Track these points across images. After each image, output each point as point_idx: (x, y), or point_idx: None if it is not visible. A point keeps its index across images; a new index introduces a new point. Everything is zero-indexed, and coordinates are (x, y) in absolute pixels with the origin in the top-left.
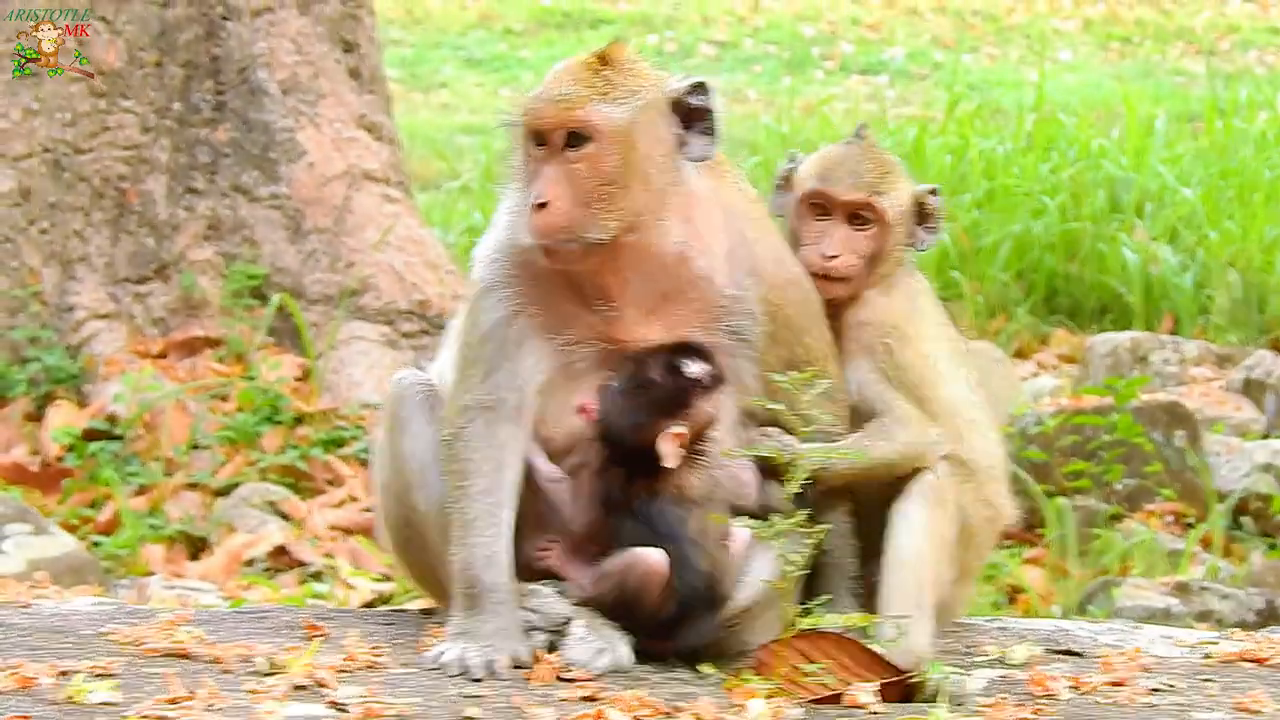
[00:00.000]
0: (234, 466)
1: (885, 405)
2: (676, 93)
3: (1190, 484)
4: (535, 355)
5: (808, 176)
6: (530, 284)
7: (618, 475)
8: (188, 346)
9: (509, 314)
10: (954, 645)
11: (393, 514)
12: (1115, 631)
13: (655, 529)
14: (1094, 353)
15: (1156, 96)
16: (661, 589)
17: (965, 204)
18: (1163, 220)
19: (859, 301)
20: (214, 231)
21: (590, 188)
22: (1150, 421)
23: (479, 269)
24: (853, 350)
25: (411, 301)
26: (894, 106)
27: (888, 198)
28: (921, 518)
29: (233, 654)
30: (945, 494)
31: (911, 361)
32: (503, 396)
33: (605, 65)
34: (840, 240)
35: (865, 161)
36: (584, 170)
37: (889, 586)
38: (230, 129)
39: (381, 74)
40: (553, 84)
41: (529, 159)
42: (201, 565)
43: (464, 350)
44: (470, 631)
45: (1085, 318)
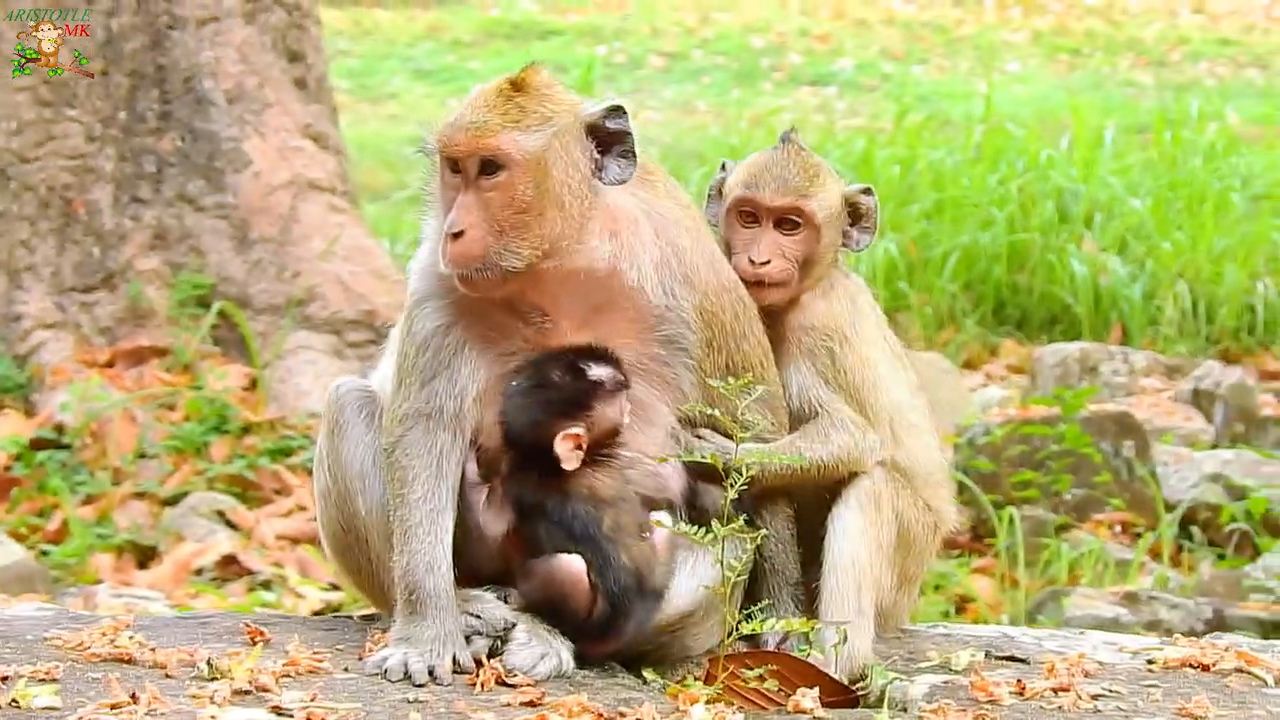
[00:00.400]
0: (181, 476)
1: (824, 409)
2: (592, 117)
3: (1139, 494)
4: (471, 365)
5: (735, 184)
6: (463, 297)
7: (529, 479)
8: (135, 356)
9: (444, 324)
10: (897, 651)
11: (333, 520)
12: (1059, 638)
13: (570, 532)
14: (1042, 363)
15: (1106, 108)
16: (588, 592)
17: (913, 215)
18: (1111, 231)
19: (799, 306)
20: (160, 241)
21: (504, 216)
22: (1099, 432)
23: (414, 280)
24: (793, 354)
25: (358, 311)
26: (843, 118)
27: (815, 200)
28: (858, 523)
29: (175, 659)
30: (882, 499)
31: (853, 365)
32: (440, 404)
33: (518, 91)
34: (769, 246)
35: (790, 165)
36: (497, 198)
37: (828, 591)
38: (176, 138)
39: (327, 84)
40: (466, 111)
41: (445, 185)
42: (150, 574)
43: (401, 360)
44: (412, 637)
45: (1034, 328)
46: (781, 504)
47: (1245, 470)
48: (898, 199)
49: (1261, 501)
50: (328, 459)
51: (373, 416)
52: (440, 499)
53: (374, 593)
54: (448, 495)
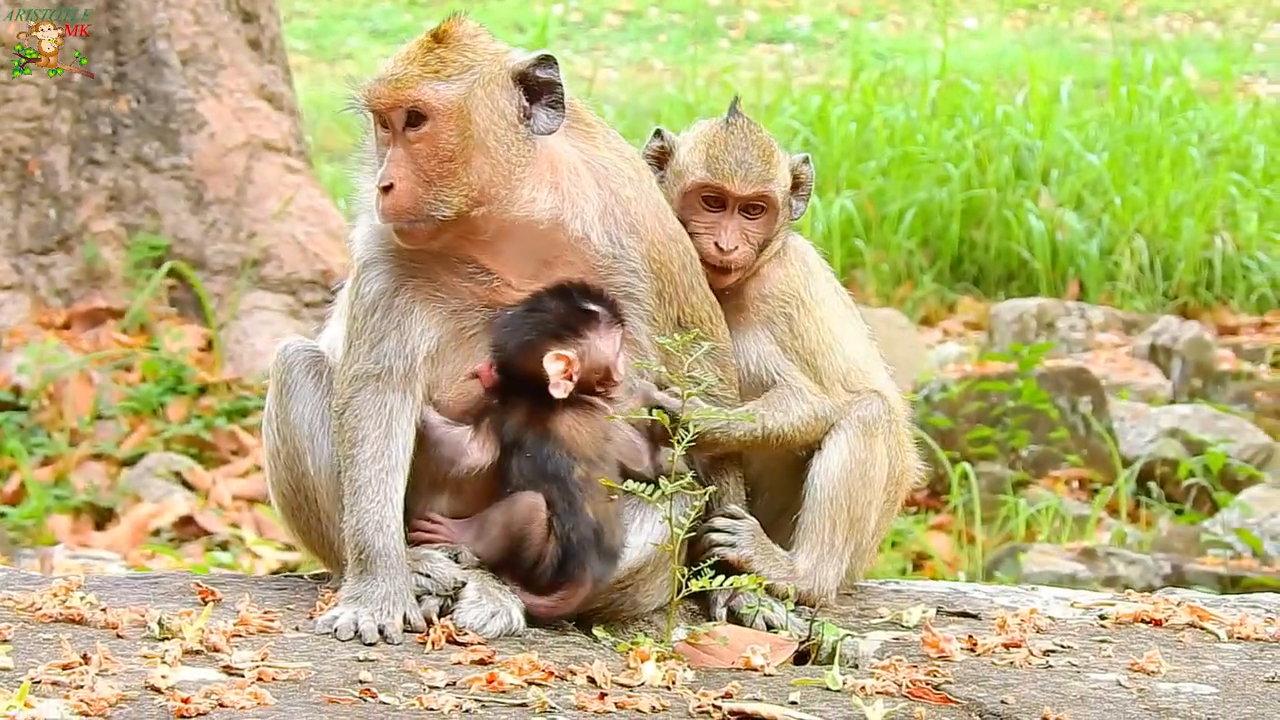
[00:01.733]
0: (138, 437)
1: (782, 377)
2: (520, 65)
3: (1096, 450)
4: (422, 324)
5: (694, 166)
6: (408, 257)
7: (517, 415)
8: (91, 317)
9: (392, 286)
10: (849, 608)
11: (283, 481)
12: (1011, 594)
13: (542, 470)
14: (999, 319)
15: (1062, 63)
16: (544, 530)
17: (870, 172)
18: (1068, 187)
19: (757, 276)
20: (116, 203)
21: (430, 166)
22: (1055, 387)
23: (358, 245)
24: (751, 323)
25: (314, 271)
26: (799, 75)
27: (775, 183)
28: (850, 450)
29: (126, 619)
30: (876, 430)
31: (808, 328)
32: (390, 365)
33: (439, 43)
34: (736, 233)
35: (750, 149)
36: (424, 149)
37: (807, 517)
38: (131, 100)
39: (281, 44)
40: (388, 65)
41: (377, 142)
42: (107, 535)
43: (351, 322)
44: (362, 596)
45: (991, 285)
46: (733, 464)
47: (1203, 425)
48: (854, 156)
49: (1219, 457)
50: (276, 419)
51: (321, 377)
52: (390, 459)
53: (324, 552)
54: (398, 455)
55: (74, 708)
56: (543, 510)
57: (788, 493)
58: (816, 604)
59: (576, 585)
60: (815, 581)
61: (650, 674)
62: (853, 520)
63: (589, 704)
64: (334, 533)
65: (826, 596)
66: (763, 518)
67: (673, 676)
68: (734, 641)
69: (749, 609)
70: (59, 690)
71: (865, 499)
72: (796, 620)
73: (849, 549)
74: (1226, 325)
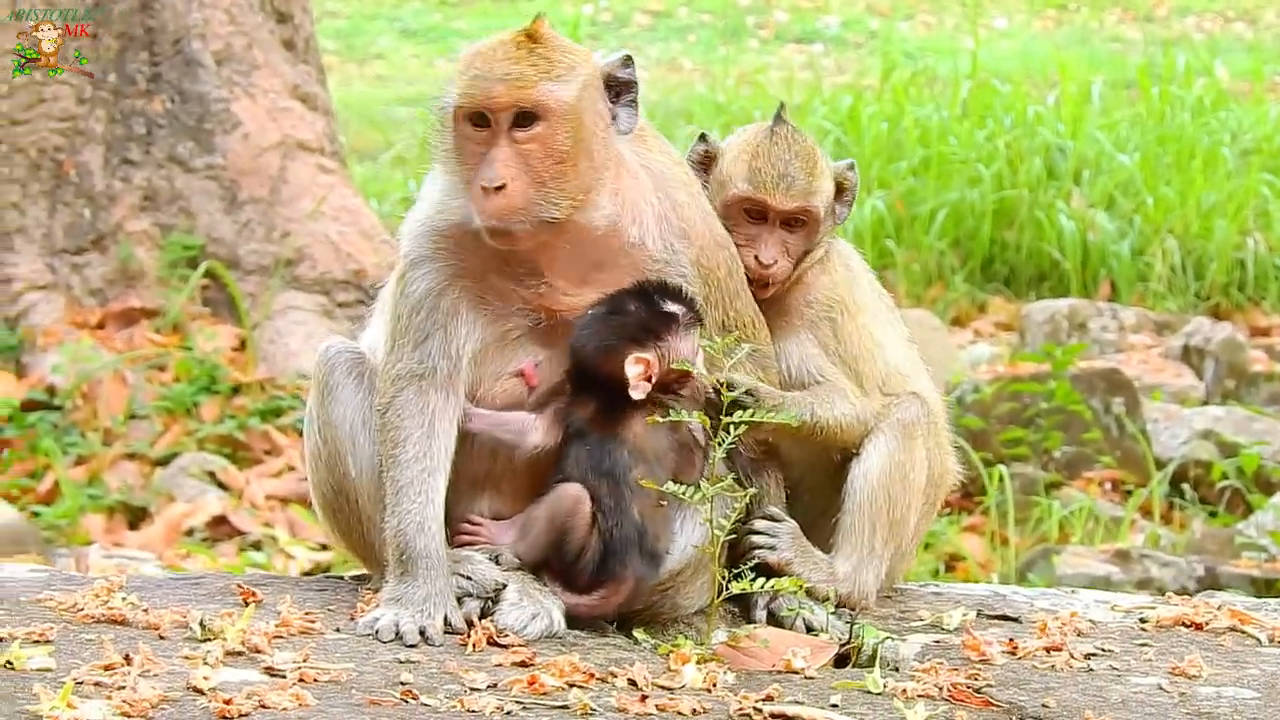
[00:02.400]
0: (172, 436)
1: (825, 378)
2: (610, 66)
3: (1129, 451)
4: (467, 325)
5: (737, 177)
6: (458, 257)
7: (584, 407)
8: (125, 317)
9: (439, 285)
10: (889, 610)
11: (324, 482)
12: (1051, 596)
13: (598, 464)
14: (1031, 320)
15: (1093, 63)
16: (587, 523)
17: (901, 172)
18: (1100, 187)
19: (801, 283)
20: (150, 202)
21: (543, 167)
22: (1088, 389)
23: (406, 243)
24: (795, 327)
25: (347, 271)
26: (829, 75)
27: (818, 196)
28: (890, 452)
29: (168, 620)
30: (915, 432)
31: (851, 333)
32: (434, 365)
33: (536, 43)
34: (777, 247)
35: (794, 161)
36: (536, 150)
37: (846, 521)
38: (165, 100)
39: (315, 45)
40: (493, 65)
41: (465, 140)
42: (141, 535)
43: (395, 321)
44: (403, 597)
45: (1022, 285)
46: (772, 462)
47: (1236, 427)
48: (884, 156)
49: (1253, 458)
50: (318, 420)
51: (362, 378)
52: (432, 459)
53: (365, 554)
54: (440, 455)
55: (116, 709)
56: (587, 504)
57: (827, 495)
58: (857, 606)
59: (617, 583)
60: (855, 584)
61: (691, 676)
62: (892, 523)
63: (630, 706)
64: (374, 534)
65: (867, 599)
66: (802, 520)
67: (713, 679)
68: (774, 644)
69: (789, 611)
70: (101, 691)
71: (905, 501)
72: (837, 623)
73: (889, 551)
74: (1259, 326)
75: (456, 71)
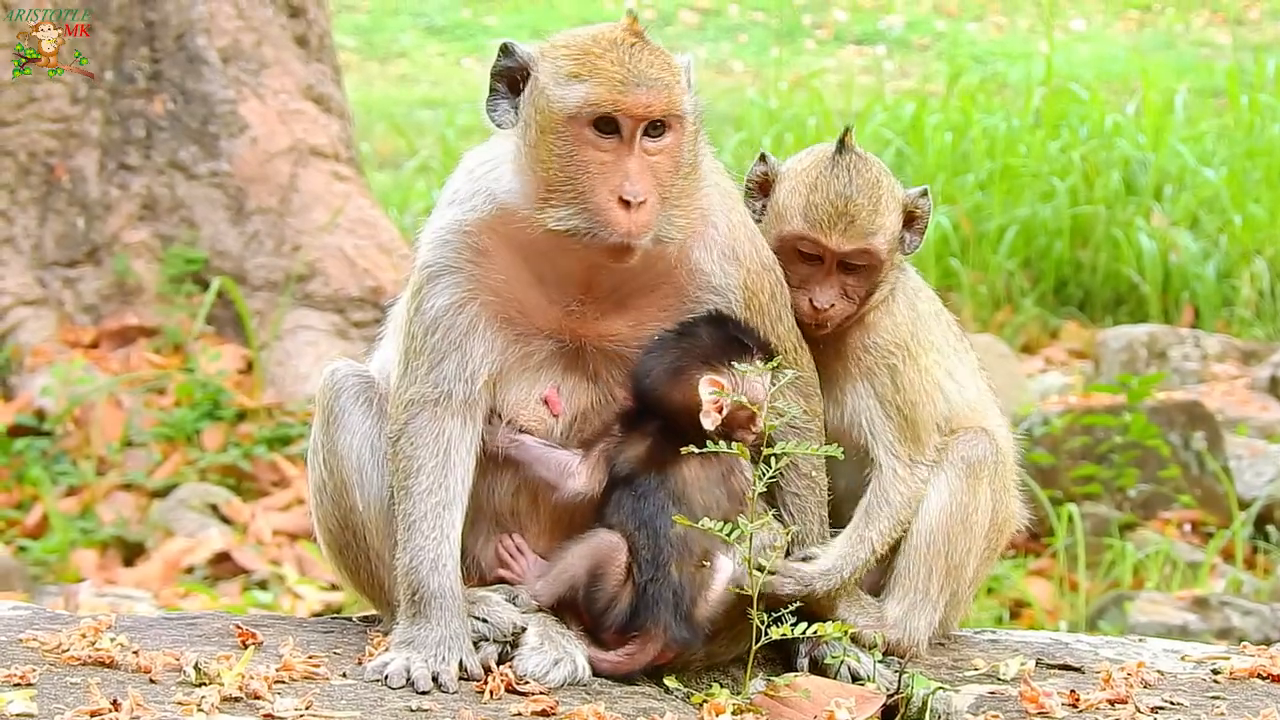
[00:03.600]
0: (171, 466)
1: (876, 444)
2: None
3: (1210, 490)
4: (487, 344)
5: (793, 213)
6: (485, 269)
7: (636, 447)
8: (121, 336)
9: (459, 300)
10: (942, 659)
11: (329, 516)
12: (1116, 645)
13: (639, 513)
14: (1107, 347)
15: (1178, 69)
16: (622, 574)
17: (968, 186)
18: (1183, 204)
19: (862, 325)
20: (149, 211)
21: (669, 182)
22: (1167, 422)
23: (426, 251)
24: (852, 375)
25: (363, 288)
26: (891, 80)
27: (881, 235)
28: (952, 493)
29: (160, 663)
30: (982, 472)
31: (912, 380)
32: (450, 389)
33: (646, 43)
34: (833, 290)
35: (857, 198)
36: (664, 163)
37: (902, 563)
38: (167, 100)
39: (331, 42)
40: (629, 66)
41: (585, 146)
42: (137, 572)
43: (408, 340)
44: (415, 640)
45: (1097, 310)
46: (816, 506)
47: None
48: (950, 168)
49: None
50: (323, 450)
51: (370, 404)
52: (448, 491)
53: (374, 593)
54: (457, 487)
55: None
56: (624, 554)
57: None
58: (906, 654)
59: (645, 640)
60: (905, 630)
61: None
62: (950, 567)
63: None
64: (384, 572)
65: (917, 646)
66: None
67: None
68: (816, 694)
69: (833, 658)
70: None
71: (965, 546)
72: (885, 671)
73: (944, 597)
74: None
75: (565, 70)
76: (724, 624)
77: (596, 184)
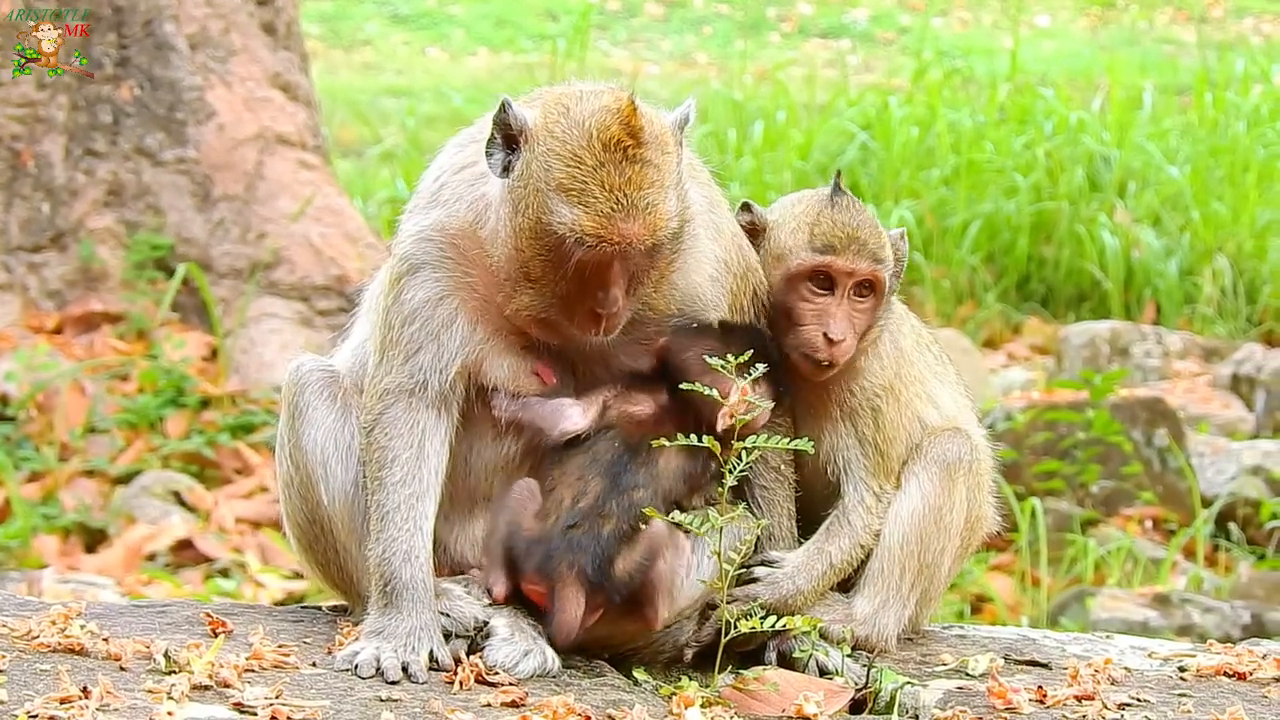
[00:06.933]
0: (134, 452)
1: (848, 478)
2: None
3: (1172, 487)
4: (464, 336)
5: (799, 248)
6: (467, 270)
7: (639, 405)
8: (85, 322)
9: (439, 294)
10: (909, 654)
11: (297, 511)
12: (1084, 642)
13: (610, 466)
14: (1069, 344)
15: (1142, 67)
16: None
17: (932, 181)
18: (1146, 201)
19: (848, 369)
20: (115, 198)
21: (652, 281)
22: (1129, 419)
23: (408, 245)
24: (833, 415)
25: (328, 276)
26: (856, 74)
27: (885, 265)
28: (924, 494)
29: (130, 650)
30: (958, 473)
31: (893, 418)
32: (425, 380)
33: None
34: (846, 320)
35: (864, 227)
36: (647, 271)
37: (873, 563)
38: (134, 86)
39: (298, 29)
40: (624, 194)
41: (569, 260)
42: (99, 558)
43: (385, 330)
44: (386, 630)
45: (1060, 306)
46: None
47: None
48: (915, 163)
49: None
50: (289, 445)
51: (334, 399)
52: (421, 482)
53: (344, 586)
54: (430, 478)
55: None
56: (537, 496)
57: None
58: (875, 649)
59: (562, 583)
60: (875, 627)
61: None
62: (923, 566)
63: None
64: (352, 566)
65: (886, 642)
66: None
67: None
68: (785, 687)
69: (802, 652)
70: None
71: (939, 545)
72: (853, 666)
73: (915, 595)
74: None
75: (556, 175)
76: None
77: (573, 295)
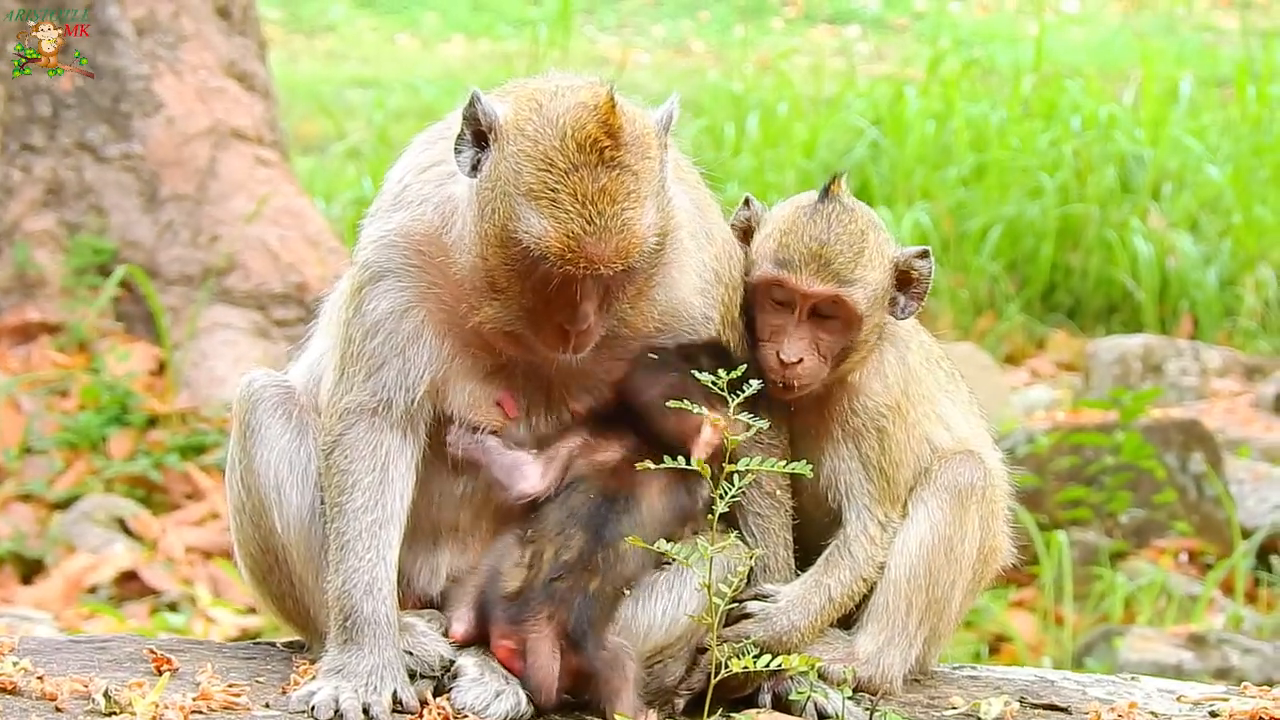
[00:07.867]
0: (75, 475)
1: (849, 505)
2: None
3: (1209, 517)
4: (431, 352)
5: (764, 258)
6: (433, 277)
7: (606, 452)
8: (21, 332)
9: (403, 305)
10: (916, 696)
11: (250, 540)
12: (1107, 684)
13: (590, 518)
14: (1098, 360)
15: (1179, 57)
16: (517, 572)
17: (949, 181)
18: (1183, 204)
19: (847, 387)
20: (54, 197)
21: (631, 301)
22: (1163, 442)
23: (370, 251)
24: (836, 437)
25: (287, 284)
26: (866, 63)
27: (858, 287)
28: (933, 523)
29: (66, 689)
30: (969, 501)
31: (899, 440)
32: (389, 398)
33: (616, 149)
34: (802, 342)
35: (835, 245)
36: (623, 288)
37: (877, 596)
38: (75, 76)
39: (255, 14)
40: (596, 212)
41: (533, 273)
42: (35, 590)
43: (345, 344)
44: (345, 668)
45: (1088, 318)
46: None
47: None
48: (930, 161)
49: None
50: (240, 468)
51: (290, 417)
52: (385, 509)
53: (300, 620)
54: (394, 504)
55: None
56: (517, 550)
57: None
58: (879, 691)
59: (538, 629)
60: (879, 666)
61: None
62: (931, 601)
63: None
64: (309, 599)
65: (891, 684)
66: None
67: None
68: None
69: (799, 695)
70: None
71: (949, 578)
72: (855, 709)
73: (923, 633)
74: None
75: (526, 179)
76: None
77: (540, 310)
